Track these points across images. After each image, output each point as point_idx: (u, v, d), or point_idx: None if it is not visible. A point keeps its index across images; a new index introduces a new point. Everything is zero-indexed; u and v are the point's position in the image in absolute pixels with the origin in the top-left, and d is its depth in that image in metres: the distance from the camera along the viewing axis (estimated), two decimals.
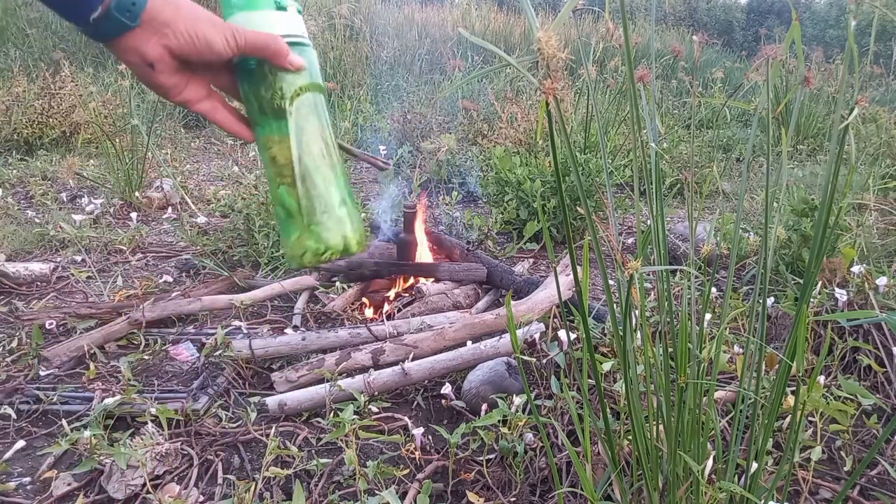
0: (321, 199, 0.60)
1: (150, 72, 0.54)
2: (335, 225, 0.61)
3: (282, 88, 0.58)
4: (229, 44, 0.54)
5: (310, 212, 0.60)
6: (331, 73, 5.63)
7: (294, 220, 0.61)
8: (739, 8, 16.02)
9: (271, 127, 0.59)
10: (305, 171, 0.59)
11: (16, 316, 1.88)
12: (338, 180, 0.62)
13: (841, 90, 0.79)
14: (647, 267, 0.74)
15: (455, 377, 1.61)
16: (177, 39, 0.53)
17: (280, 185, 0.60)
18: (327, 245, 0.61)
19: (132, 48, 0.53)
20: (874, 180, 2.71)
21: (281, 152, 0.59)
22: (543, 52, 0.52)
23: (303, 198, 0.59)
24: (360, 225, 0.63)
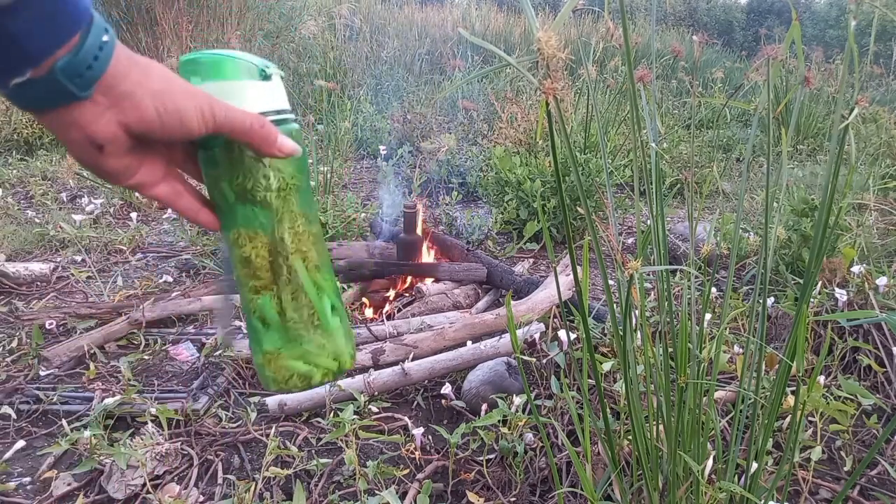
0: (311, 309, 0.49)
1: (95, 154, 0.41)
2: (328, 341, 0.51)
3: (267, 177, 0.47)
4: (205, 121, 0.42)
5: (297, 326, 0.49)
6: (331, 73, 5.63)
7: (273, 335, 0.49)
8: (739, 8, 16.03)
9: (247, 220, 0.48)
10: (293, 275, 0.49)
11: (16, 316, 1.88)
12: (328, 283, 0.51)
13: (841, 90, 0.79)
14: (647, 267, 0.74)
15: (455, 377, 1.61)
16: (138, 115, 0.40)
17: (256, 292, 0.49)
18: (320, 367, 0.50)
19: (75, 124, 0.39)
20: (874, 180, 2.71)
21: (258, 251, 0.48)
22: (543, 52, 0.52)
23: (288, 308, 0.49)
24: (351, 336, 0.53)
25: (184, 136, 0.42)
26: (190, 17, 5.08)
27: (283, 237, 0.48)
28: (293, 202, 0.49)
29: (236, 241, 0.48)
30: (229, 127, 0.44)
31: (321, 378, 0.51)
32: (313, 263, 0.50)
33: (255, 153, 0.46)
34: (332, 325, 0.51)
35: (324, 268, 0.51)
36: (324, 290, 0.50)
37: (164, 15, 4.91)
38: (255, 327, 0.50)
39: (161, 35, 4.91)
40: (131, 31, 4.89)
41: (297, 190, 0.49)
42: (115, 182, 0.44)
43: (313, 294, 0.50)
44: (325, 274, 0.51)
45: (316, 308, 0.50)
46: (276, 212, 0.48)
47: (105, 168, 0.43)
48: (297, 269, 0.49)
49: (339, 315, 0.52)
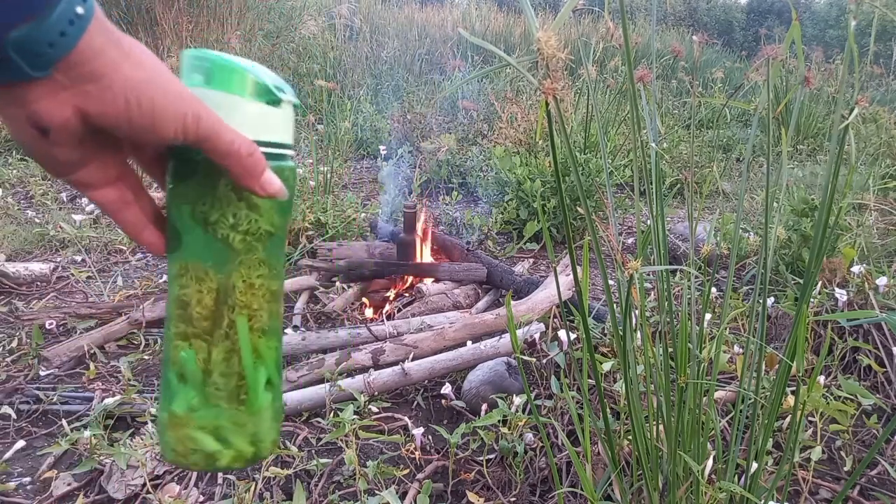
0: (241, 379, 0.41)
1: (35, 138, 0.33)
2: (250, 420, 0.42)
3: (236, 215, 0.40)
4: (186, 128, 0.35)
5: (218, 394, 0.41)
6: (331, 73, 5.63)
7: (188, 395, 0.41)
8: (739, 8, 16.03)
9: (199, 254, 0.40)
10: (232, 334, 0.41)
11: (16, 316, 1.88)
12: (271, 353, 0.43)
13: (841, 90, 0.79)
14: (647, 267, 0.74)
15: (455, 377, 1.61)
16: (102, 104, 0.33)
17: (184, 339, 0.41)
18: (231, 449, 0.42)
19: (17, 99, 0.32)
20: (874, 180, 2.71)
21: (202, 295, 0.40)
22: (543, 52, 0.52)
23: (215, 370, 0.40)
24: (279, 418, 0.45)
25: (154, 140, 0.35)
26: (190, 17, 5.08)
27: (234, 286, 0.40)
28: (259, 249, 0.41)
29: (180, 274, 0.41)
30: (211, 143, 0.36)
31: (228, 462, 0.42)
32: (260, 325, 0.42)
33: (233, 183, 0.39)
34: (260, 403, 0.42)
35: (271, 333, 0.43)
36: (262, 360, 0.42)
37: (164, 15, 4.91)
38: (169, 380, 0.41)
39: (161, 35, 4.91)
40: (131, 31, 4.89)
41: (268, 237, 0.41)
42: (53, 173, 0.37)
43: (249, 362, 0.41)
44: (270, 341, 0.43)
45: (247, 379, 0.41)
46: (235, 255, 0.40)
47: (45, 156, 0.35)
48: (239, 327, 0.41)
49: (272, 392, 0.43)
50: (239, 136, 0.37)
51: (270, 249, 0.42)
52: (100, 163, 0.38)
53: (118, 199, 0.40)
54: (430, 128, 4.34)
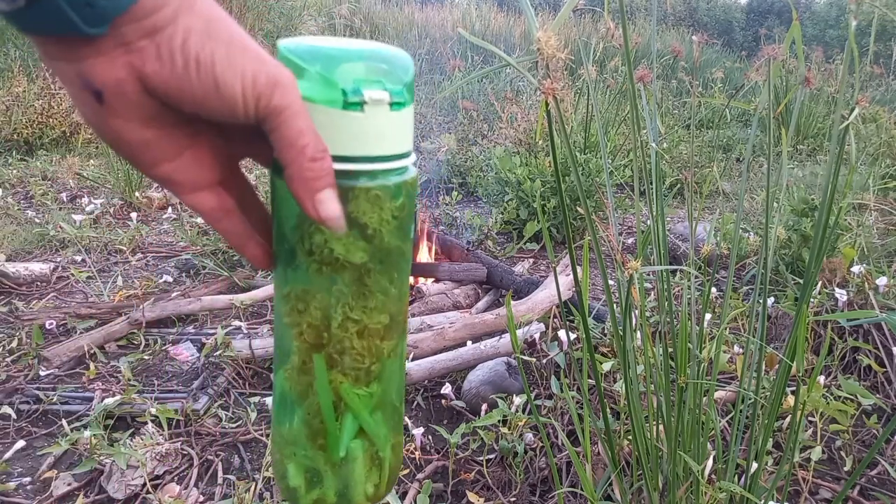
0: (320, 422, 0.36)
1: (94, 105, 0.29)
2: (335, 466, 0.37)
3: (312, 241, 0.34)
4: (253, 96, 0.28)
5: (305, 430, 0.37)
6: None
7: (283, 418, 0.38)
8: (739, 8, 16.03)
9: (288, 274, 0.35)
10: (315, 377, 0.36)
11: (16, 316, 1.88)
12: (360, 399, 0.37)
13: (841, 90, 0.79)
14: (647, 267, 0.74)
15: (455, 377, 1.61)
16: (157, 62, 0.28)
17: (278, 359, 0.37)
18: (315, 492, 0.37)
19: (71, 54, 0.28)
20: (874, 180, 2.71)
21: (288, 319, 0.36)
22: (543, 52, 0.52)
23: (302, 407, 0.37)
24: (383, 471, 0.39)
25: (225, 112, 0.29)
26: None
27: (314, 318, 0.35)
28: (341, 281, 0.34)
29: (278, 289, 0.36)
30: (278, 122, 0.29)
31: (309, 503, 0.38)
32: (345, 368, 0.36)
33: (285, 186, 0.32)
34: (340, 453, 0.37)
35: (365, 377, 0.36)
36: (349, 409, 0.36)
37: None
38: (273, 398, 0.39)
39: None
40: None
41: (356, 271, 0.34)
42: (137, 166, 0.32)
43: (326, 407, 0.36)
44: (362, 386, 0.36)
45: (326, 424, 0.36)
46: (313, 284, 0.34)
47: (112, 131, 0.30)
48: (315, 366, 0.35)
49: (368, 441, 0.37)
50: (312, 132, 0.30)
51: (364, 284, 0.35)
52: (192, 158, 0.32)
53: (217, 207, 0.34)
54: (430, 128, 4.34)
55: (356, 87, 0.31)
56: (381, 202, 0.34)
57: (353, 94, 0.31)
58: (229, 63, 0.28)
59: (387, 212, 0.34)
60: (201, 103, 0.29)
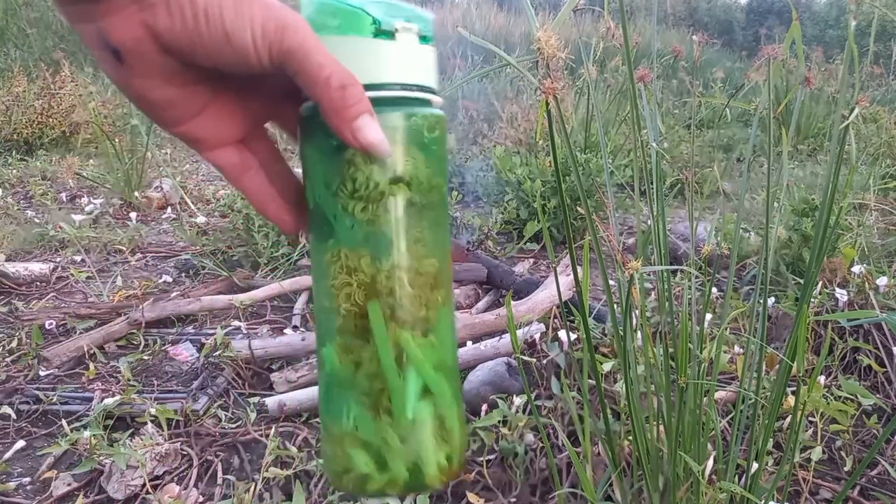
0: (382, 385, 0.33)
1: (115, 66, 0.29)
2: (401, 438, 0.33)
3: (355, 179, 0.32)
4: (268, 43, 0.29)
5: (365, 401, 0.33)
6: None
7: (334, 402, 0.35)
8: (739, 8, 16.03)
9: (327, 229, 0.33)
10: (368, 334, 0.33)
11: (15, 316, 1.88)
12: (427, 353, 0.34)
13: (841, 90, 0.78)
14: (647, 267, 0.74)
15: None
16: (168, 18, 0.28)
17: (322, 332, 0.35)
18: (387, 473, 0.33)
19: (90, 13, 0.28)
20: (874, 180, 2.71)
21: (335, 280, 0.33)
22: (543, 52, 0.52)
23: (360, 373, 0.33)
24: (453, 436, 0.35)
25: (241, 63, 0.29)
26: None
27: (366, 267, 0.32)
28: (390, 221, 0.33)
29: (318, 255, 0.34)
30: (296, 63, 0.29)
31: (379, 487, 0.34)
32: (404, 317, 0.33)
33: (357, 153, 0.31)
34: (408, 415, 0.33)
35: (426, 329, 0.34)
36: (411, 361, 0.33)
37: None
38: (319, 383, 0.36)
39: None
40: None
41: (402, 205, 0.33)
42: (160, 124, 0.32)
43: (388, 362, 0.33)
44: (425, 336, 0.34)
45: (389, 384, 0.33)
46: (361, 229, 0.32)
47: (134, 90, 0.30)
48: (372, 318, 0.33)
49: (435, 403, 0.34)
50: (333, 63, 0.30)
51: (410, 219, 0.33)
52: (215, 113, 0.32)
53: (239, 164, 0.34)
54: None
55: (386, 17, 0.32)
56: (420, 132, 0.33)
57: (384, 23, 0.31)
58: (237, 13, 0.28)
59: (427, 143, 0.33)
60: (215, 57, 0.29)
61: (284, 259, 2.32)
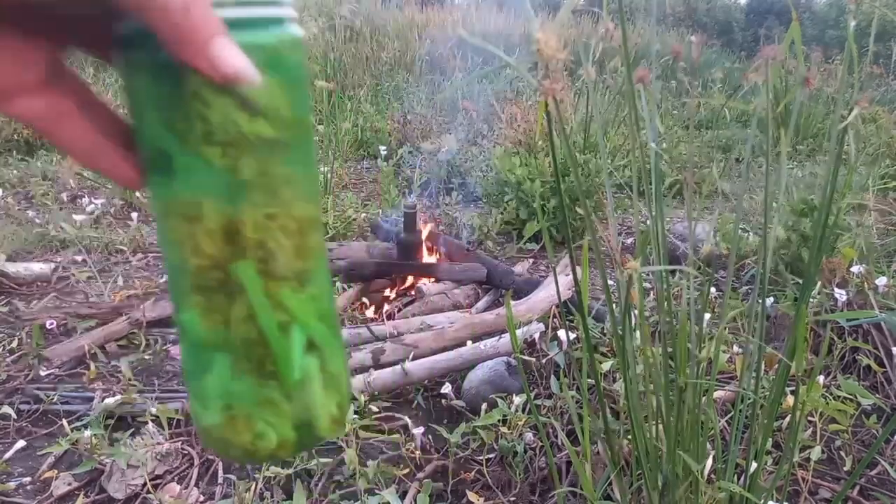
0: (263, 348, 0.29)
1: None
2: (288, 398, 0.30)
3: (206, 120, 0.26)
4: None
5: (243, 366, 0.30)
6: (331, 73, 5.64)
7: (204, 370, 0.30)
8: (739, 8, 16.03)
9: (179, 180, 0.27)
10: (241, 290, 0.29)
11: (16, 316, 1.89)
12: (306, 305, 0.30)
13: (840, 90, 0.79)
14: (646, 267, 0.74)
15: (455, 377, 1.62)
16: None
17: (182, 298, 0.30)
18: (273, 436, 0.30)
19: None
20: (873, 180, 2.72)
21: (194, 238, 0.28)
22: (543, 53, 0.53)
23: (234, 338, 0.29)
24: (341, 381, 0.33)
25: None
26: None
27: (233, 219, 0.28)
28: (260, 166, 0.28)
29: (165, 213, 0.28)
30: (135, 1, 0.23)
31: (270, 453, 0.31)
32: (281, 270, 0.29)
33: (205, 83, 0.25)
34: (295, 375, 0.30)
35: (305, 277, 0.30)
36: (294, 316, 0.30)
37: None
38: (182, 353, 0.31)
39: None
40: None
41: (269, 146, 0.27)
42: None
43: (268, 322, 0.29)
44: (304, 287, 0.30)
45: (272, 345, 0.29)
46: (222, 177, 0.27)
47: None
48: (244, 276, 0.28)
49: (320, 354, 0.31)
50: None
51: (281, 162, 0.28)
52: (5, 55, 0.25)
53: (48, 111, 0.27)
54: (430, 128, 4.35)
55: None
56: (280, 56, 0.27)
57: None
58: None
59: (289, 69, 0.28)
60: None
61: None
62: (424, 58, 6.55)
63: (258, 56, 0.26)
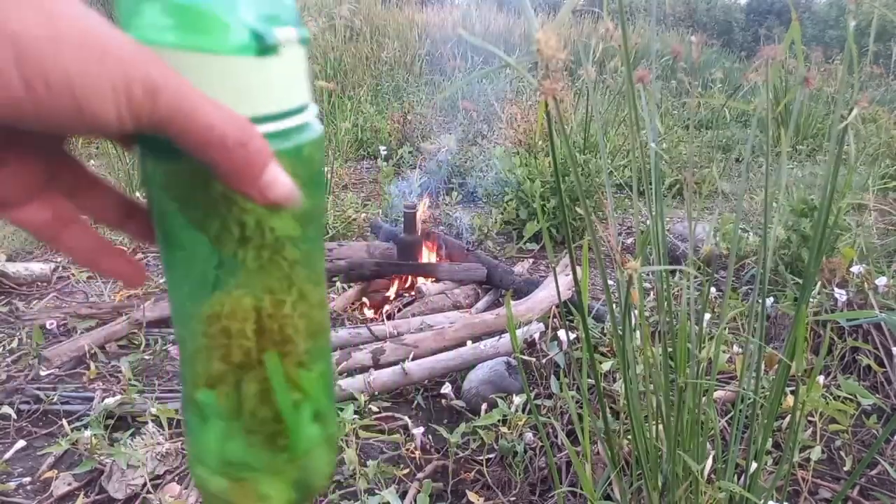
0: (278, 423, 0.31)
1: None
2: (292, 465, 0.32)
3: (242, 225, 0.27)
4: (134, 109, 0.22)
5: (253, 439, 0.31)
6: (331, 73, 5.64)
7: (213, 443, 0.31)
8: (739, 8, 16.03)
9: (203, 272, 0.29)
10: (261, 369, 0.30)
11: (16, 316, 1.89)
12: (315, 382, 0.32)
13: (840, 90, 0.79)
14: (646, 267, 0.74)
15: (455, 377, 1.62)
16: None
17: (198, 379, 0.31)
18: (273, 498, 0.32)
19: None
20: (874, 180, 2.72)
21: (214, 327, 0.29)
22: (543, 53, 0.53)
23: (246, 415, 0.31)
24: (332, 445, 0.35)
25: (91, 129, 0.22)
26: None
27: (257, 312, 0.29)
28: (284, 262, 0.29)
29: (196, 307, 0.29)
30: (179, 129, 0.23)
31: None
32: (299, 355, 0.31)
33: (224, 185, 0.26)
34: (304, 445, 0.32)
35: (316, 357, 0.32)
36: (306, 395, 0.32)
37: None
38: (190, 425, 0.32)
39: None
40: None
41: (295, 243, 0.29)
42: None
43: (286, 403, 0.31)
44: (315, 366, 0.32)
45: (286, 422, 0.31)
46: (251, 277, 0.28)
47: None
48: (269, 364, 0.30)
49: (322, 423, 0.33)
50: (222, 117, 0.24)
51: (301, 256, 0.30)
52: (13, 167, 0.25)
53: (53, 219, 0.27)
54: (430, 128, 4.35)
55: (265, 25, 0.25)
56: (312, 162, 0.28)
57: (266, 36, 0.25)
58: (90, 76, 0.21)
59: (317, 172, 0.29)
60: (56, 127, 0.22)
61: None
62: (424, 58, 6.55)
63: (292, 160, 0.27)
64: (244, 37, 0.24)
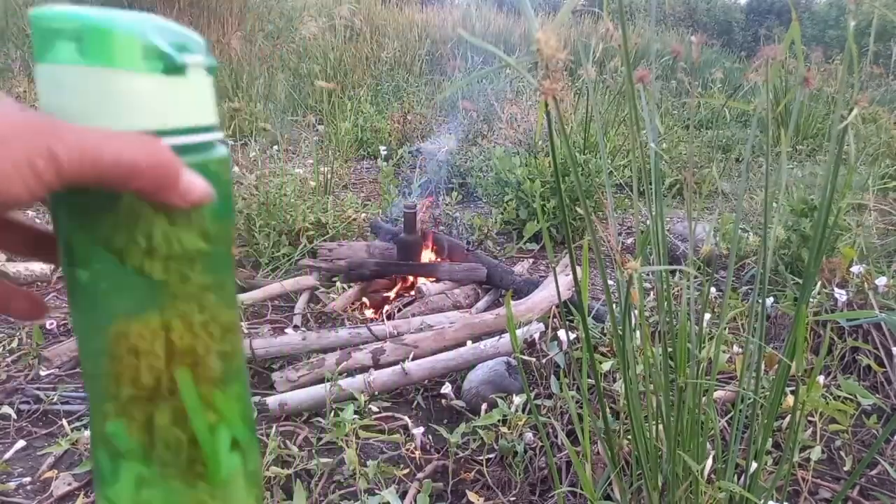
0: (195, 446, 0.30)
1: None
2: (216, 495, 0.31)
3: (150, 236, 0.28)
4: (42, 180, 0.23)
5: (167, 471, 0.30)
6: (331, 73, 5.64)
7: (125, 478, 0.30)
8: (739, 8, 16.03)
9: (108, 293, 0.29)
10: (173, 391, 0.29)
11: None
12: (232, 405, 0.32)
13: (840, 90, 0.79)
14: (646, 267, 0.74)
15: (455, 377, 1.62)
16: None
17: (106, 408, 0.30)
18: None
19: None
20: (874, 180, 2.72)
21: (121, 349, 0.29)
22: (543, 53, 0.52)
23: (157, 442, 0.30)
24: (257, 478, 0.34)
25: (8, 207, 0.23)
26: (190, 18, 5.08)
27: (166, 330, 0.29)
28: (194, 276, 0.29)
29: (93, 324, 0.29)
30: (93, 177, 0.24)
31: None
32: (212, 374, 0.30)
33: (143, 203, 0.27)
34: (224, 473, 0.31)
35: (230, 378, 0.31)
36: (222, 418, 0.31)
37: (164, 15, 4.92)
38: (99, 462, 0.31)
39: None
40: None
41: (204, 256, 0.29)
42: None
43: (201, 425, 0.30)
44: (230, 388, 0.31)
45: (203, 446, 0.30)
46: (159, 290, 0.28)
47: None
48: (181, 383, 0.29)
49: (241, 453, 0.32)
50: (126, 145, 0.25)
51: (211, 271, 0.30)
52: None
53: None
54: (430, 128, 4.35)
55: (181, 46, 0.27)
56: (219, 177, 0.29)
57: (178, 56, 0.27)
58: None
59: (224, 188, 0.30)
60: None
61: (285, 259, 2.32)
62: (424, 58, 6.55)
63: (200, 174, 0.28)
64: (154, 56, 0.26)
